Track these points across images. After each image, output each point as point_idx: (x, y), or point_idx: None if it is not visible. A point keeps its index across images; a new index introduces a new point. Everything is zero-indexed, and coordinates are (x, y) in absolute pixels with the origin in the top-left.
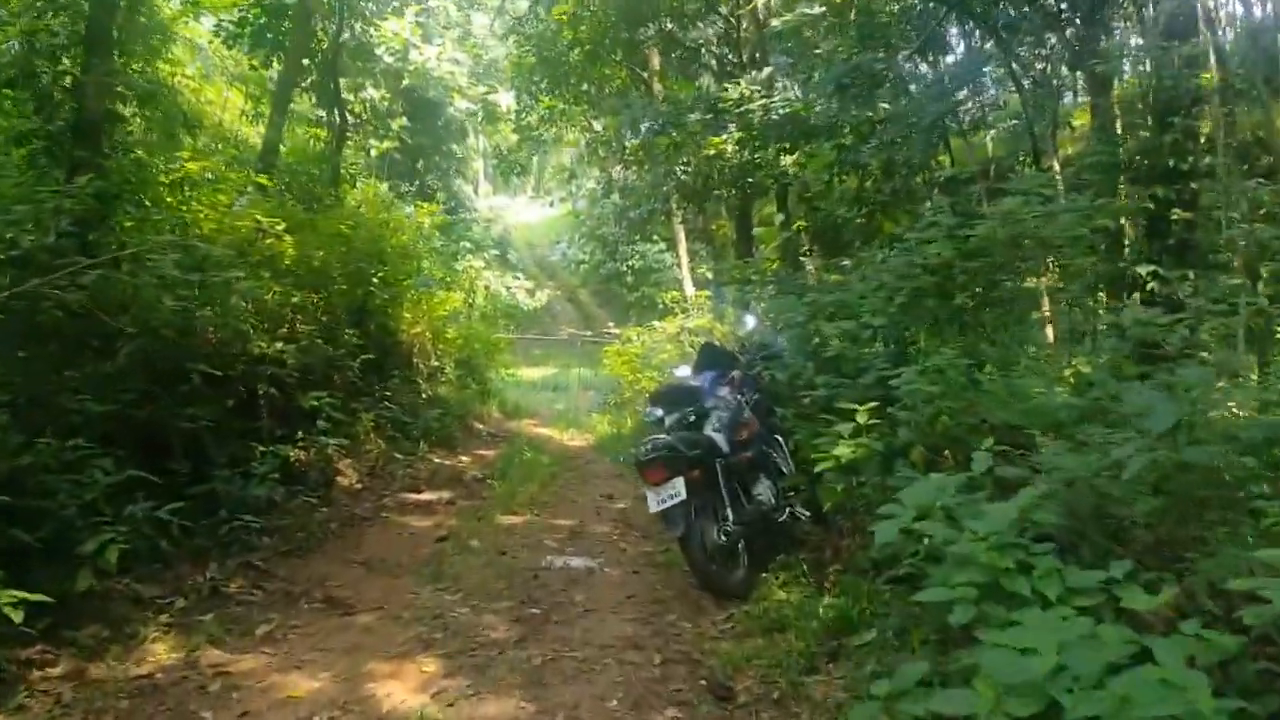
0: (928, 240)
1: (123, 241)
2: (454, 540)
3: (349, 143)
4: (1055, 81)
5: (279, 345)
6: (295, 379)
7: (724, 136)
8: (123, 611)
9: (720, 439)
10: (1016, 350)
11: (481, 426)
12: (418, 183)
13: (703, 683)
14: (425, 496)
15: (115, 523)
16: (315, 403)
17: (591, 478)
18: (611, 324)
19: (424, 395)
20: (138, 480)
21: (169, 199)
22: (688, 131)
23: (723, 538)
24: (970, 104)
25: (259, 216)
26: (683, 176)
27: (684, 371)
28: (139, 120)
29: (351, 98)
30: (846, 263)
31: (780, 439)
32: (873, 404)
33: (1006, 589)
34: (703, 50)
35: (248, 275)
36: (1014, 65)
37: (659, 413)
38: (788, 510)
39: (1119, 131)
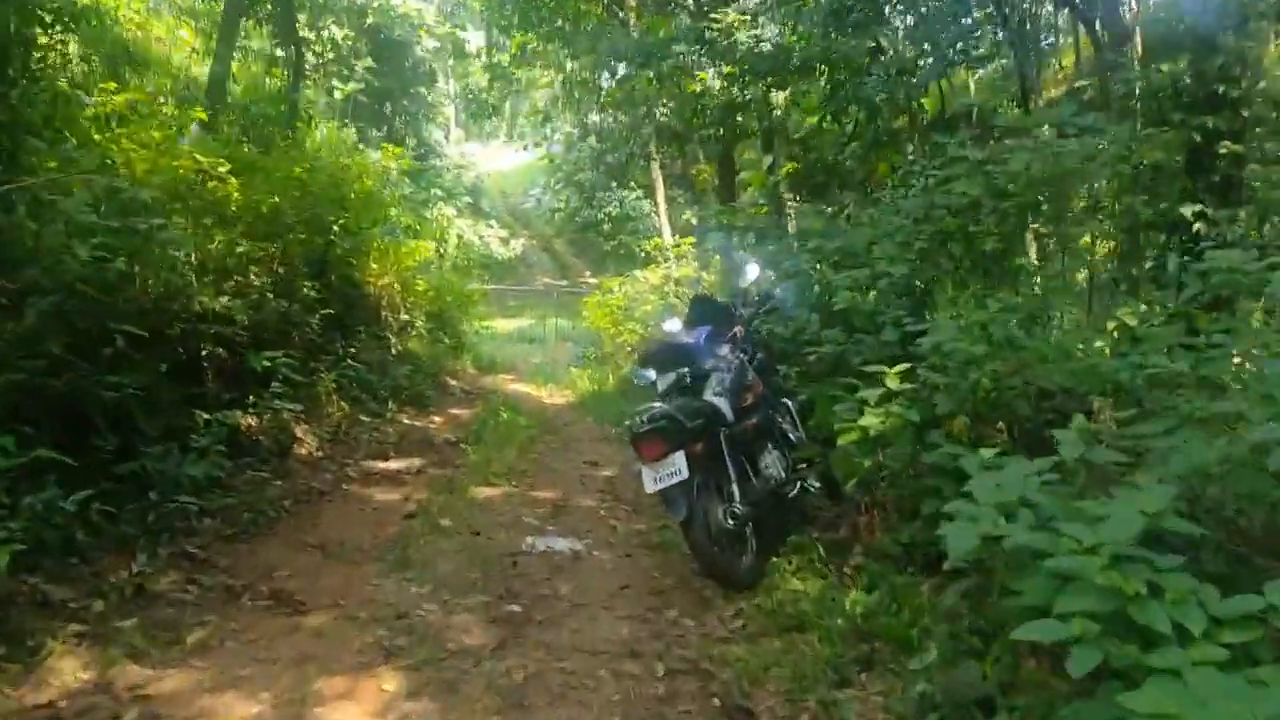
0: (949, 178)
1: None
2: (423, 517)
3: (310, 83)
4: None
5: (225, 300)
6: (246, 337)
7: (710, 72)
8: (24, 621)
9: (724, 405)
10: (1052, 301)
11: (455, 383)
12: (385, 128)
13: (716, 702)
14: (392, 465)
15: (14, 514)
16: (268, 363)
17: (574, 441)
18: (588, 273)
19: (393, 351)
20: (49, 462)
21: (96, 136)
22: (673, 66)
23: (730, 520)
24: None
25: (198, 156)
26: (662, 118)
27: (674, 326)
28: (62, 47)
29: (313, 36)
30: (827, 209)
31: (787, 402)
32: (903, 366)
33: (1135, 620)
34: None
35: (189, 222)
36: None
37: (651, 375)
38: (798, 484)
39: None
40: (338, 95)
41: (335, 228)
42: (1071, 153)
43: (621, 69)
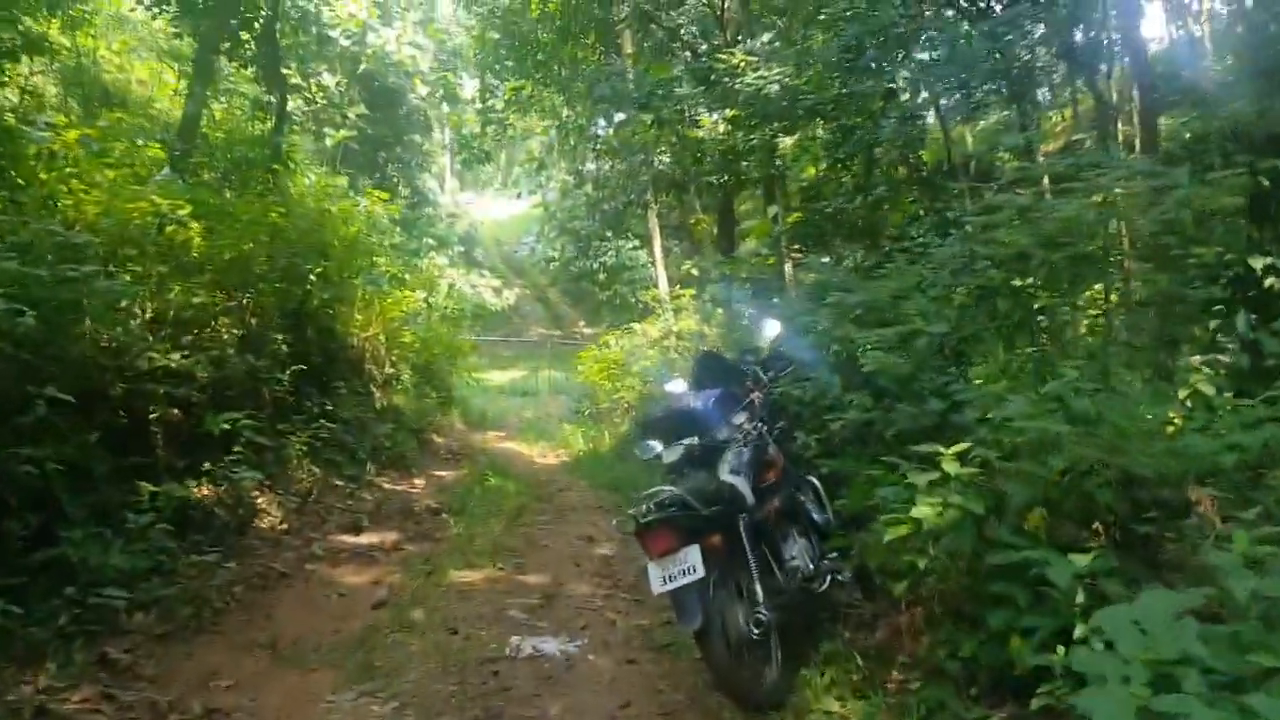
0: (989, 226)
1: None
2: (393, 608)
3: (298, 129)
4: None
5: (180, 356)
6: (205, 397)
7: (715, 117)
8: None
9: (742, 485)
10: (1110, 364)
11: (441, 441)
12: (378, 176)
13: None
14: (365, 539)
15: None
16: (228, 425)
17: (567, 511)
18: (582, 323)
19: (377, 406)
20: None
21: (43, 175)
22: (674, 110)
23: (754, 628)
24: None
25: (155, 198)
26: (660, 165)
27: (678, 387)
28: (19, 80)
29: (304, 83)
30: (835, 260)
31: (812, 479)
32: (960, 445)
33: None
34: (682, 31)
35: (146, 269)
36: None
37: (657, 448)
38: (828, 575)
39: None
40: (329, 142)
41: (313, 277)
42: (1130, 196)
43: (619, 116)
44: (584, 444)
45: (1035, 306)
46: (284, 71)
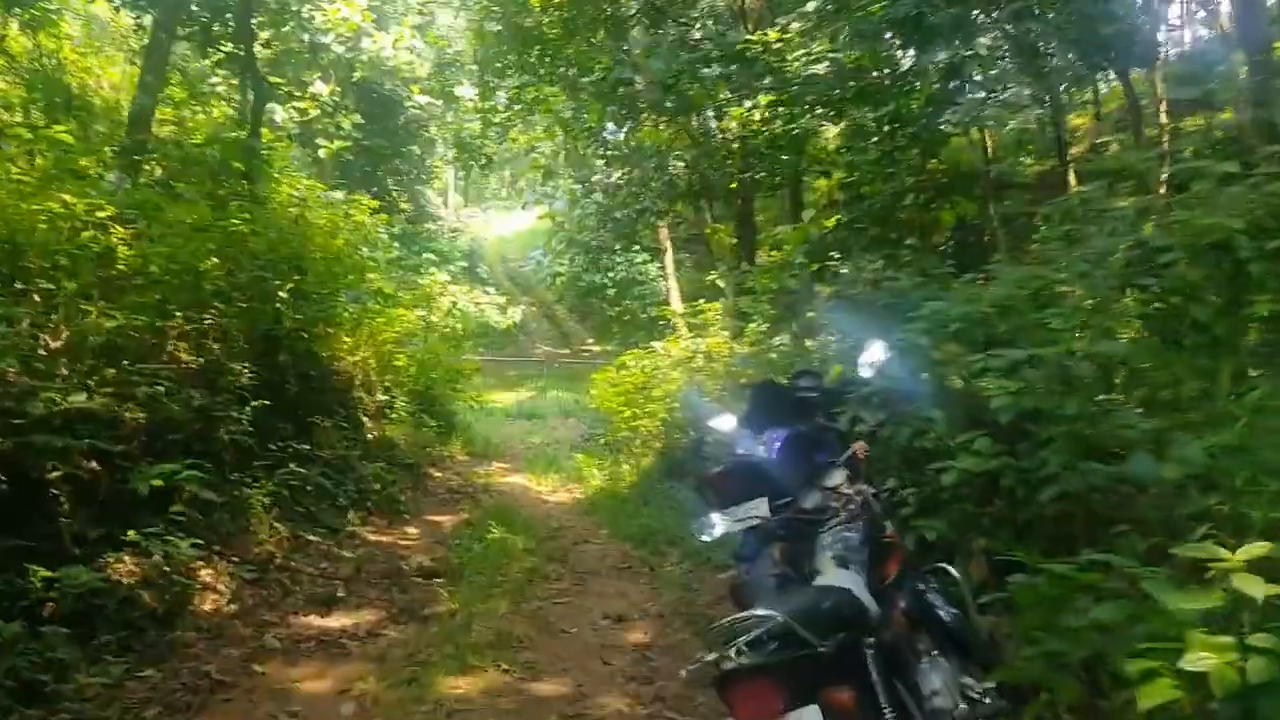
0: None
1: None
2: None
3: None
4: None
5: (89, 397)
6: (135, 446)
7: (747, 105)
8: None
9: (861, 589)
10: None
11: (439, 475)
12: (375, 189)
13: None
14: (337, 621)
15: None
16: (161, 481)
17: (589, 575)
18: (590, 341)
19: (370, 437)
20: None
21: None
22: (700, 91)
23: None
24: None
25: (67, 197)
26: (674, 172)
27: (726, 423)
28: None
29: (297, 92)
30: (874, 265)
31: (946, 566)
32: (1260, 545)
33: None
34: (697, 24)
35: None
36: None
37: (718, 528)
38: (972, 704)
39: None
40: (322, 154)
41: (283, 294)
42: None
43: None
44: (600, 478)
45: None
46: (273, 80)
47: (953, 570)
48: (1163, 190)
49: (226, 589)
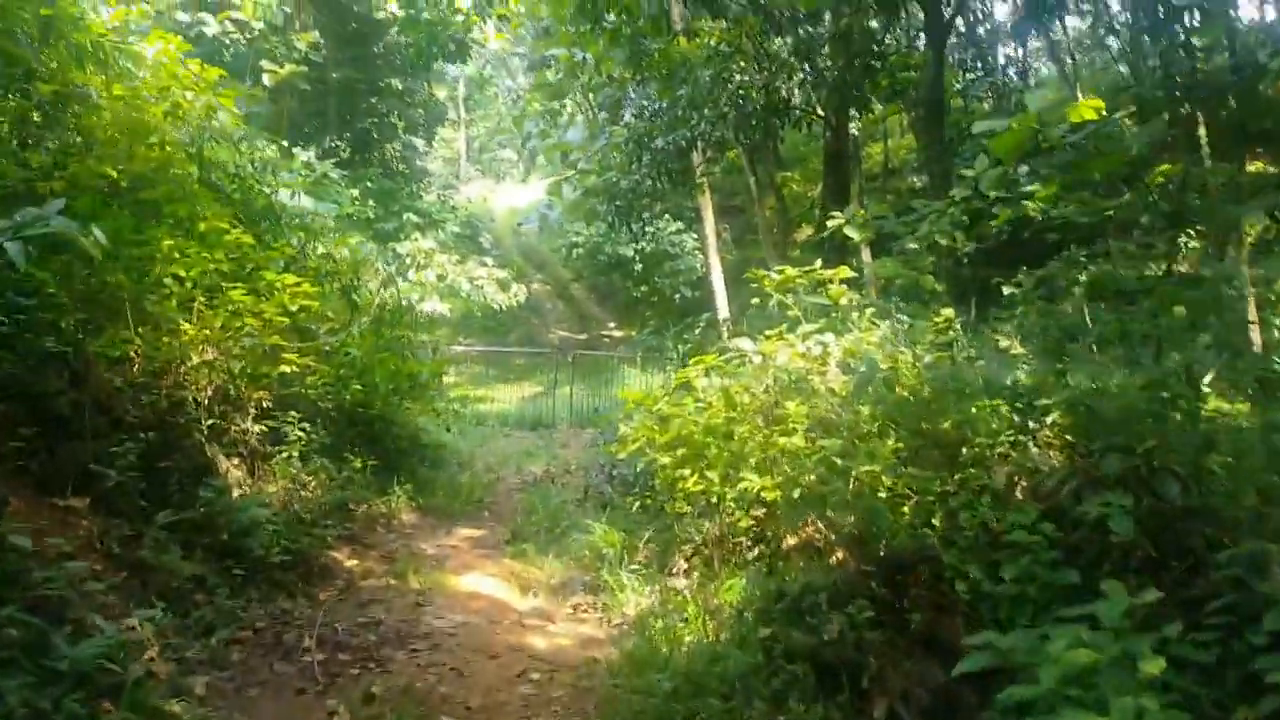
0: None
1: None
2: None
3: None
4: None
5: None
6: None
7: None
8: None
9: None
10: None
11: (341, 579)
12: (348, 134)
13: None
14: None
15: None
16: None
17: None
18: (612, 324)
19: (214, 509)
20: None
21: None
22: None
23: None
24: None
25: None
26: (740, 91)
27: None
28: None
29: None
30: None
31: None
32: None
33: None
34: None
35: None
36: None
37: None
38: None
39: None
40: (268, 80)
41: None
42: None
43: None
44: (641, 599)
45: None
46: None
47: None
48: None
49: None
